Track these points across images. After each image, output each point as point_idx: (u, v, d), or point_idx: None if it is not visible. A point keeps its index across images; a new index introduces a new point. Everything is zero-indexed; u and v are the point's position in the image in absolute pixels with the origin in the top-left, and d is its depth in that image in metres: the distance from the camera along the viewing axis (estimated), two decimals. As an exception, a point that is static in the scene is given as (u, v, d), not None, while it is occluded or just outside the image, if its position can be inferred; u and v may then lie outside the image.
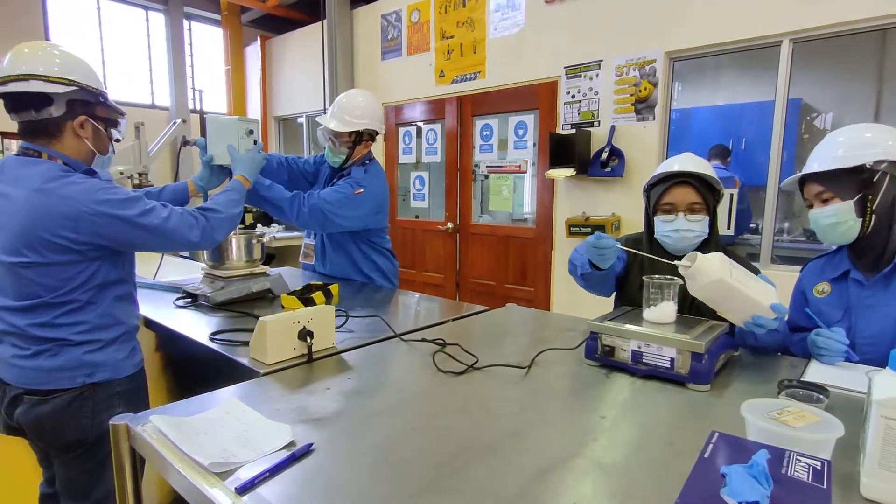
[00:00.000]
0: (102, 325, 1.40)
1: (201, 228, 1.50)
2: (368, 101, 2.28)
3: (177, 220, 1.44)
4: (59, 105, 1.34)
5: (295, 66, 6.24)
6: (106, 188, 1.34)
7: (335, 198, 2.13)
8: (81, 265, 1.34)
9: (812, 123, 4.97)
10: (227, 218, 1.59)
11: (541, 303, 4.12)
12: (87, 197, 1.30)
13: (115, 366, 1.42)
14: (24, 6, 5.36)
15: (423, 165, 4.96)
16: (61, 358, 1.35)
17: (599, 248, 1.40)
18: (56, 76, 1.33)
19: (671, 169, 1.55)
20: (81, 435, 1.38)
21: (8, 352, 1.35)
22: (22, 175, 1.31)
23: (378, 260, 2.38)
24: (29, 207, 1.27)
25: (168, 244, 1.48)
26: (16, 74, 1.31)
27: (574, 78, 3.80)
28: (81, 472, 1.42)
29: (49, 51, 1.37)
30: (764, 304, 1.21)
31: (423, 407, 1.09)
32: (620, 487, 0.78)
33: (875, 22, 2.77)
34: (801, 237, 4.77)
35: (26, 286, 1.31)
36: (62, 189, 1.29)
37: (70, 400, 1.36)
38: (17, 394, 1.36)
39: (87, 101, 1.39)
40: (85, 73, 1.39)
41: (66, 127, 1.37)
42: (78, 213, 1.28)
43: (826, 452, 0.77)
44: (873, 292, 1.35)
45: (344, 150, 2.24)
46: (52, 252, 1.29)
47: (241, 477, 0.79)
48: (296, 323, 1.31)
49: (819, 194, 1.38)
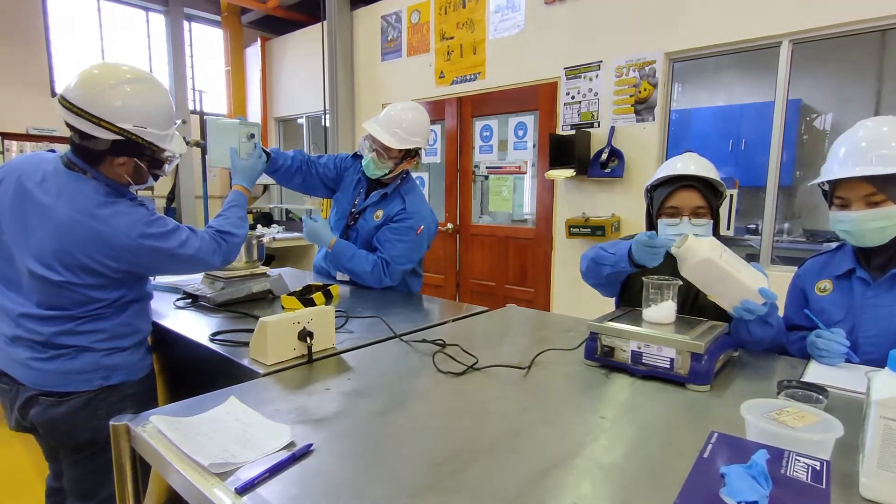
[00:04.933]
0: (121, 333, 1.43)
1: (223, 254, 1.57)
2: (421, 118, 2.19)
3: (206, 249, 1.49)
4: (104, 143, 1.32)
5: (295, 67, 6.24)
6: (150, 221, 1.37)
7: (404, 250, 2.15)
8: (111, 287, 1.38)
9: (812, 124, 4.98)
10: (241, 240, 1.66)
11: (541, 303, 4.12)
12: (133, 230, 1.33)
13: (130, 368, 1.45)
14: (24, 6, 5.36)
15: (423, 166, 4.96)
16: (80, 361, 1.36)
17: (654, 248, 1.36)
18: (106, 121, 1.29)
19: (674, 170, 1.52)
20: (94, 436, 1.39)
21: (24, 354, 1.36)
22: (67, 189, 1.31)
23: (418, 268, 2.38)
24: (72, 230, 1.28)
25: (194, 270, 1.55)
26: (69, 103, 1.28)
27: (574, 79, 3.80)
28: (90, 471, 1.44)
29: (113, 87, 1.30)
30: (752, 289, 1.23)
31: (423, 407, 1.09)
32: (620, 487, 0.78)
33: (875, 22, 2.77)
34: (800, 237, 4.78)
35: (53, 298, 1.33)
36: (111, 219, 1.30)
37: (85, 402, 1.38)
38: (32, 395, 1.37)
39: (133, 143, 1.35)
40: (147, 121, 1.34)
41: (107, 159, 1.36)
42: (123, 245, 1.31)
43: (825, 453, 0.77)
44: (879, 292, 1.34)
45: (390, 165, 2.17)
46: (87, 275, 1.32)
47: (240, 477, 0.79)
48: (296, 323, 1.31)
49: (868, 196, 1.26)
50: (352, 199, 2.31)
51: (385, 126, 2.14)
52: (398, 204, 2.21)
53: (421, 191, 2.33)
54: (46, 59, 5.54)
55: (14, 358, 1.37)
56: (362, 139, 2.23)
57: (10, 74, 5.24)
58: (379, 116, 2.20)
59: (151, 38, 6.63)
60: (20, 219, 1.33)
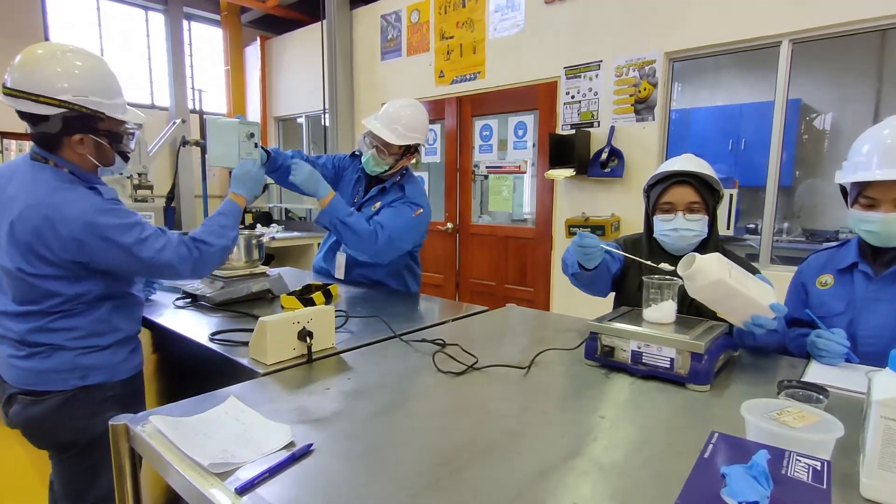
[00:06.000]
0: (97, 331, 1.38)
1: (193, 262, 1.45)
2: (420, 114, 2.20)
3: (171, 253, 1.38)
4: (55, 122, 1.29)
5: (294, 66, 6.24)
6: (103, 210, 1.29)
7: (401, 224, 2.11)
8: (71, 279, 1.32)
9: (811, 124, 4.98)
10: (218, 251, 1.52)
11: (540, 303, 4.12)
12: (81, 217, 1.26)
13: (111, 369, 1.41)
14: (24, 6, 5.35)
15: (423, 165, 4.96)
16: (54, 360, 1.34)
17: (584, 248, 1.40)
18: (46, 96, 1.25)
19: (671, 168, 1.55)
20: (75, 436, 1.38)
21: (5, 351, 1.36)
22: (27, 180, 1.30)
23: (417, 268, 2.37)
24: (27, 218, 1.26)
25: (155, 274, 1.43)
26: (8, 89, 1.26)
27: (574, 78, 3.80)
28: (77, 472, 1.43)
29: (49, 64, 1.27)
30: (763, 304, 1.21)
31: (423, 407, 1.09)
32: (620, 488, 0.78)
33: (875, 22, 2.77)
34: (800, 237, 4.78)
35: (22, 293, 1.32)
36: (61, 206, 1.25)
37: (62, 402, 1.35)
38: (13, 393, 1.36)
39: (84, 117, 1.31)
40: (86, 88, 1.30)
41: (65, 141, 1.33)
42: (69, 233, 1.25)
43: (826, 453, 0.77)
44: (881, 286, 1.34)
45: (390, 161, 2.17)
46: (44, 265, 1.28)
47: (240, 477, 0.79)
48: (295, 323, 1.31)
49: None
50: (351, 198, 2.31)
51: (384, 122, 2.14)
52: (396, 193, 2.22)
53: (420, 184, 2.33)
54: (46, 59, 5.53)
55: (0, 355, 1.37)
56: (362, 136, 2.23)
57: (10, 74, 5.23)
58: (378, 113, 2.20)
59: (151, 37, 6.63)
60: None
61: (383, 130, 2.12)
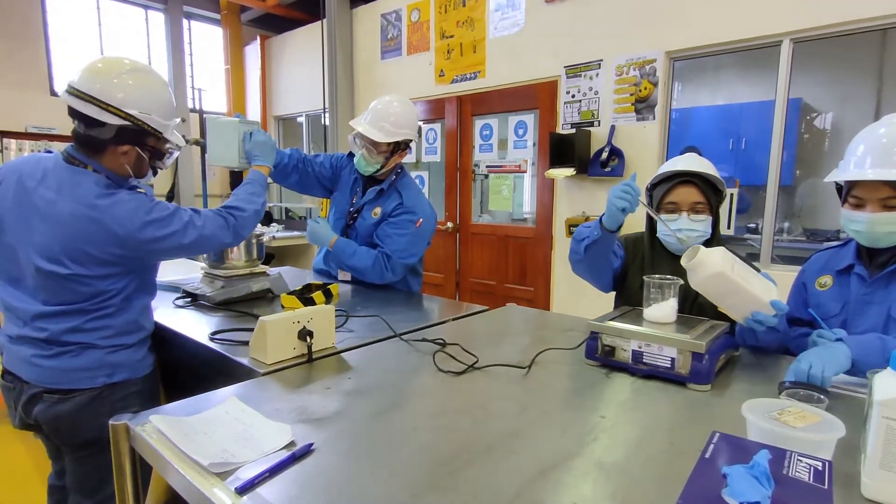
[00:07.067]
0: (127, 330, 1.44)
1: (232, 228, 1.55)
2: (407, 109, 2.20)
3: (212, 226, 1.49)
4: (109, 129, 1.35)
5: (294, 65, 6.23)
6: (150, 207, 1.38)
7: (405, 244, 2.14)
8: (120, 276, 1.39)
9: (812, 123, 4.97)
10: (251, 215, 1.63)
11: (541, 303, 4.12)
12: (135, 218, 1.34)
13: (133, 366, 1.45)
14: (24, 5, 5.35)
15: (423, 165, 4.96)
16: (84, 358, 1.37)
17: (626, 190, 1.34)
18: (114, 107, 1.33)
19: (675, 168, 1.54)
20: (98, 433, 1.38)
21: (28, 351, 1.37)
22: (67, 183, 1.33)
23: (419, 267, 2.37)
24: (76, 223, 1.30)
25: (205, 249, 1.54)
26: (78, 91, 1.32)
27: (574, 77, 3.80)
28: (93, 469, 1.44)
29: (120, 75, 1.35)
30: (764, 301, 1.21)
31: (423, 407, 1.09)
32: (620, 487, 0.78)
33: (875, 22, 2.77)
34: (800, 237, 4.77)
35: (61, 293, 1.34)
36: (112, 209, 1.32)
37: (90, 399, 1.38)
38: (36, 392, 1.37)
39: (140, 132, 1.39)
40: (152, 106, 1.39)
41: (109, 149, 1.38)
42: (127, 233, 1.32)
43: (827, 453, 0.77)
44: (873, 289, 1.34)
45: (380, 160, 2.17)
46: (97, 265, 1.33)
47: (240, 477, 0.79)
48: (296, 323, 1.31)
49: (886, 199, 1.23)
50: (349, 199, 2.31)
51: (372, 121, 2.14)
52: (395, 199, 2.21)
53: (417, 185, 2.33)
54: (45, 58, 5.53)
55: (18, 355, 1.38)
56: (351, 137, 2.23)
57: (9, 73, 5.23)
58: (365, 112, 2.21)
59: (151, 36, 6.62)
60: (23, 218, 1.33)
61: (371, 130, 2.13)
